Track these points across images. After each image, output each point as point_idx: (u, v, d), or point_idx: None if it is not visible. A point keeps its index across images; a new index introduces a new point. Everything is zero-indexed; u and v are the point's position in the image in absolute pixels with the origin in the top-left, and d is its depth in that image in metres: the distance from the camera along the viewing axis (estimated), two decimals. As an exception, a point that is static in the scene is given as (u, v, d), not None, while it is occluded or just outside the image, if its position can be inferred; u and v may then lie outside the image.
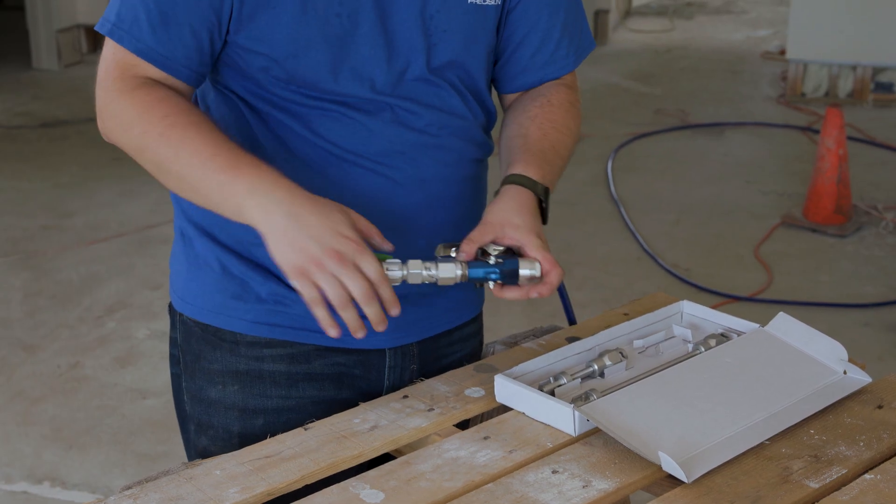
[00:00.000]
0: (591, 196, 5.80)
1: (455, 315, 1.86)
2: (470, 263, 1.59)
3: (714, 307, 1.90)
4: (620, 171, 6.11)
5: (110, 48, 1.61)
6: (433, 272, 1.57)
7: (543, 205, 1.68)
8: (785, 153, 6.44)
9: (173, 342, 1.83)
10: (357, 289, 1.48)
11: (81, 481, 3.43)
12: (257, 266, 1.71)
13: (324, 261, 1.48)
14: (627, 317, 1.91)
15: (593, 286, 4.76)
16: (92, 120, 7.57)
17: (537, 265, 1.60)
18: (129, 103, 1.59)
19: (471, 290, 1.86)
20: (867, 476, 1.50)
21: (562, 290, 1.90)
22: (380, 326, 1.52)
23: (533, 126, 1.76)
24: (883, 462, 1.54)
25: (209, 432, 1.78)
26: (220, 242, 1.72)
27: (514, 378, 1.65)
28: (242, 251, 1.71)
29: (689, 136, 6.78)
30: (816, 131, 6.53)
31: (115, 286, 4.76)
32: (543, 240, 1.63)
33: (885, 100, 7.28)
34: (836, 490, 1.47)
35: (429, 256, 1.61)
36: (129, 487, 1.47)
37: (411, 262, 1.57)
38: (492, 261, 1.60)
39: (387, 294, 1.51)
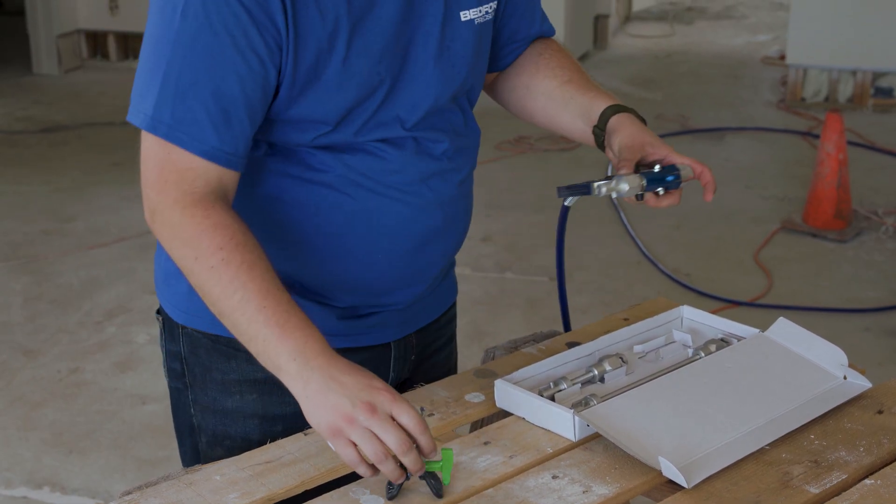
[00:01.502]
0: (591, 201, 5.79)
1: (446, 297, 1.90)
2: (642, 174, 1.70)
3: (714, 312, 1.91)
4: (620, 176, 6.10)
5: (159, 146, 1.55)
6: (622, 186, 1.68)
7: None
8: (785, 158, 6.44)
9: (173, 356, 1.81)
10: (392, 441, 1.42)
11: (81, 486, 3.43)
12: None
13: (356, 415, 1.43)
14: (627, 322, 1.91)
15: (593, 291, 4.76)
16: (91, 125, 7.56)
17: (689, 166, 1.73)
18: (185, 221, 1.54)
19: (452, 274, 1.92)
20: (867, 481, 1.50)
21: (562, 293, 1.92)
22: (418, 474, 1.46)
23: (568, 72, 1.88)
24: (883, 467, 1.54)
25: (226, 442, 1.77)
26: None
27: (514, 383, 1.65)
28: None
29: (689, 141, 6.79)
30: (816, 136, 6.53)
31: (115, 291, 4.76)
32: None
33: (885, 104, 7.28)
34: (837, 495, 1.47)
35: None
36: (128, 493, 1.47)
37: (596, 185, 1.67)
38: (657, 168, 1.71)
39: (426, 443, 1.45)
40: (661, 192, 1.71)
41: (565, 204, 1.81)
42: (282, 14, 1.52)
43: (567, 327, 1.96)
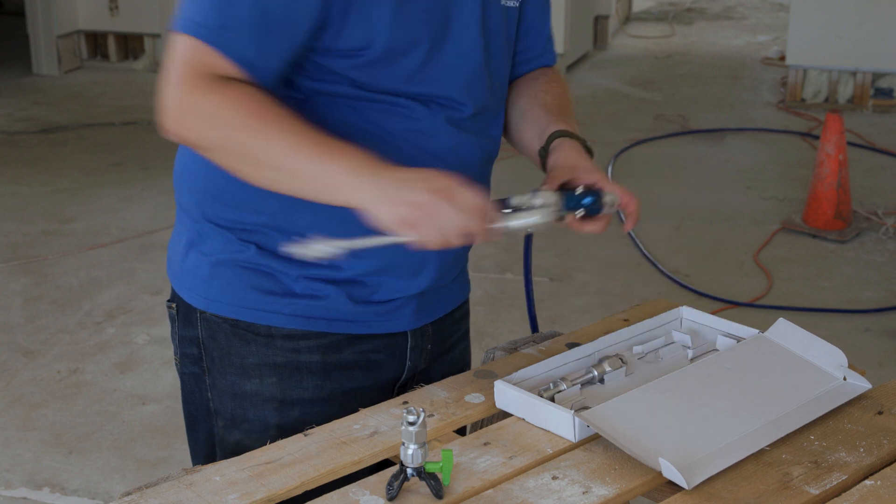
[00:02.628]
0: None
1: (460, 292, 1.93)
2: (562, 195, 1.68)
3: (714, 313, 1.91)
4: (621, 177, 6.12)
5: (189, 48, 1.57)
6: (535, 202, 1.64)
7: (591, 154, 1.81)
8: (785, 159, 6.45)
9: (189, 341, 1.82)
10: (471, 223, 1.53)
11: (81, 487, 3.43)
12: (284, 260, 1.72)
13: (422, 201, 1.52)
14: (627, 322, 1.91)
15: (593, 292, 4.76)
16: (91, 125, 7.58)
17: (616, 196, 1.72)
18: (215, 100, 1.57)
19: (464, 269, 1.93)
20: (867, 482, 1.49)
21: (529, 297, 1.95)
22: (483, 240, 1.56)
23: (547, 98, 1.90)
24: (883, 468, 1.54)
25: (243, 426, 1.79)
26: (245, 240, 1.74)
27: (514, 384, 1.65)
28: (268, 244, 1.73)
29: (689, 142, 6.79)
30: (816, 137, 6.53)
31: (115, 291, 4.76)
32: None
33: (885, 105, 7.29)
34: (837, 496, 1.47)
35: None
36: (128, 493, 1.47)
37: (515, 198, 1.63)
38: (579, 191, 1.69)
39: (483, 237, 1.56)
40: (580, 216, 1.68)
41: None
42: None
43: (534, 329, 2.00)
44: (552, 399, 1.64)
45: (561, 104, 1.90)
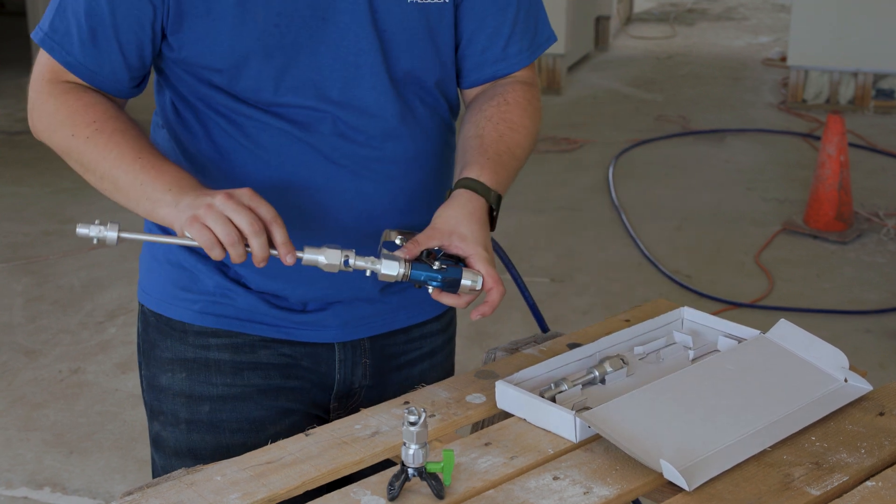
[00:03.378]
0: (592, 202, 5.80)
1: (410, 313, 1.87)
2: (413, 264, 1.58)
3: (715, 314, 1.90)
4: (621, 178, 6.12)
5: (45, 55, 1.67)
6: (377, 266, 1.57)
7: (494, 213, 1.67)
8: (786, 160, 6.44)
9: (138, 333, 1.88)
10: (244, 222, 1.50)
11: (82, 487, 3.43)
12: (208, 260, 1.75)
13: (214, 202, 1.52)
14: (628, 323, 1.91)
15: (594, 292, 4.76)
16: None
17: (479, 278, 1.59)
18: (58, 106, 1.66)
19: (410, 293, 1.87)
20: (868, 483, 1.49)
21: (528, 300, 1.93)
22: (261, 263, 1.53)
23: (489, 126, 1.74)
24: (884, 469, 1.53)
25: (160, 417, 1.83)
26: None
27: (515, 384, 1.65)
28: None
29: (690, 143, 6.79)
30: (817, 138, 6.53)
31: (116, 291, 4.76)
32: (490, 253, 1.62)
33: (886, 106, 7.29)
34: (838, 497, 1.47)
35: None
36: (130, 493, 1.47)
37: (357, 257, 1.56)
38: (436, 266, 1.58)
39: (280, 236, 1.53)
40: (432, 289, 1.59)
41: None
42: None
43: (544, 329, 1.98)
44: (553, 399, 1.64)
45: (498, 140, 1.73)
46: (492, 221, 1.67)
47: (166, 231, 1.69)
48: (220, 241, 1.51)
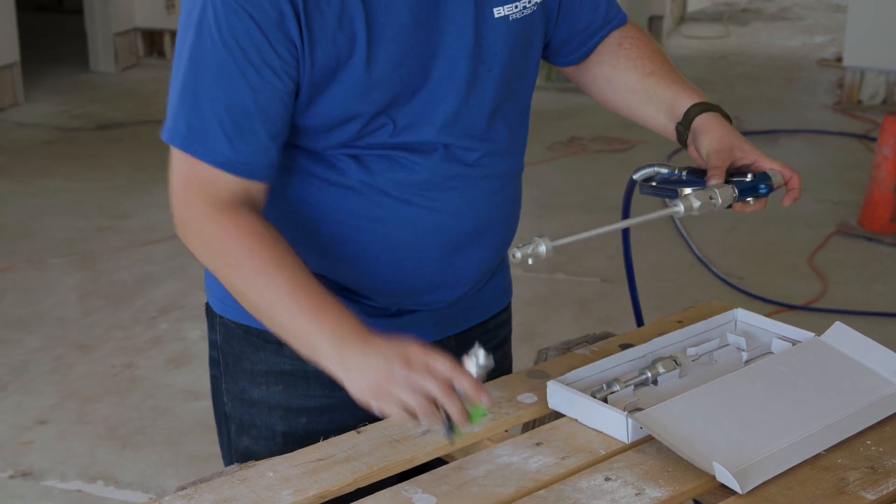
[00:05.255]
0: (643, 203, 5.77)
1: (491, 305, 1.89)
2: (734, 185, 1.69)
3: (768, 316, 1.89)
4: (673, 178, 6.08)
5: (183, 159, 1.59)
6: (715, 199, 1.68)
7: (730, 120, 1.78)
8: (840, 161, 6.38)
9: (213, 344, 1.85)
10: (436, 391, 1.44)
11: (135, 481, 3.47)
12: None
13: (392, 369, 1.45)
14: (681, 324, 1.90)
15: (646, 294, 4.71)
16: (146, 122, 7.63)
17: (779, 173, 1.74)
18: (213, 230, 1.57)
19: (505, 279, 1.90)
20: (924, 489, 1.48)
21: (633, 292, 1.93)
22: (466, 426, 1.48)
23: (653, 64, 1.87)
24: (941, 475, 1.52)
25: (252, 432, 1.80)
26: None
27: (567, 384, 1.65)
28: None
29: (743, 144, 6.74)
30: (873, 139, 6.46)
31: (168, 287, 4.80)
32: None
33: (944, 108, 7.20)
34: (893, 502, 1.45)
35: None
36: (183, 488, 1.49)
37: (685, 192, 1.67)
38: (749, 177, 1.71)
39: (467, 384, 1.46)
40: (752, 202, 1.72)
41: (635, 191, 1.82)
42: (296, 27, 1.52)
43: (640, 322, 1.97)
44: (605, 400, 1.63)
45: (666, 68, 1.86)
46: None
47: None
48: (414, 413, 1.46)
